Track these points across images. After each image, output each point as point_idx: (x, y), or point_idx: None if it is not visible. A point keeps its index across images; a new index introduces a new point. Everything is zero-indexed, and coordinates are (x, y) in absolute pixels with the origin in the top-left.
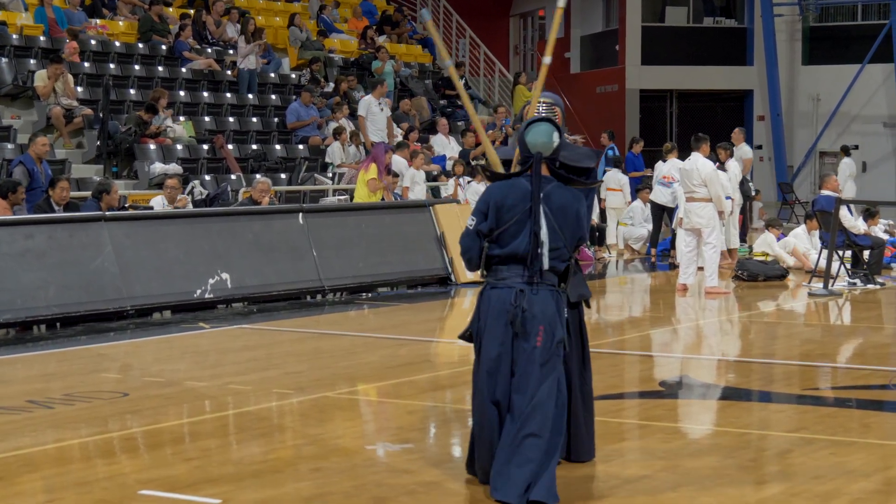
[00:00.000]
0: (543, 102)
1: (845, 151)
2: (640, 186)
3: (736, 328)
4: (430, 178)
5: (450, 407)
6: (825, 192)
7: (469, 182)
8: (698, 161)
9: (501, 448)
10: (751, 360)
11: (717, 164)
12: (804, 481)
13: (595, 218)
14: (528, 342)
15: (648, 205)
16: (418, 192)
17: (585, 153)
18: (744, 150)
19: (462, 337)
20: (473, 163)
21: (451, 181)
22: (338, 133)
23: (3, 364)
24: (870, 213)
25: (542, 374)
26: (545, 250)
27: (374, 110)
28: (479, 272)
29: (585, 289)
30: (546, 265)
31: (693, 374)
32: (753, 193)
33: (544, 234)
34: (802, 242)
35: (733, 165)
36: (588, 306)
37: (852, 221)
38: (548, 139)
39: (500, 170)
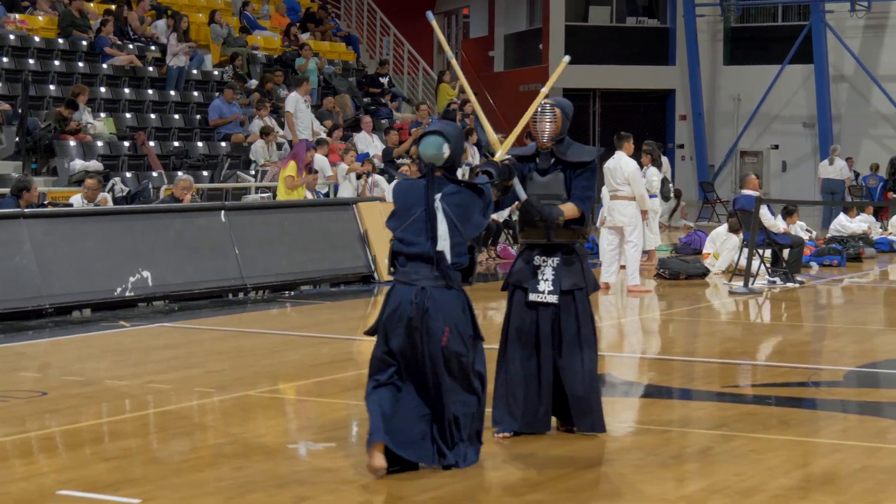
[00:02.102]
0: (547, 103)
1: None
2: None
3: (657, 326)
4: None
5: None
6: (745, 192)
7: (370, 177)
8: (622, 159)
9: (406, 424)
10: (672, 358)
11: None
12: (725, 478)
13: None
14: (433, 341)
15: None
16: (350, 189)
17: (587, 150)
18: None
19: (369, 333)
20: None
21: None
22: (265, 133)
23: None
24: (788, 212)
25: (453, 373)
26: (446, 246)
27: (301, 107)
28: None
29: (580, 279)
30: (448, 261)
31: (615, 372)
32: (672, 195)
33: (444, 232)
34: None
35: (654, 170)
36: (588, 295)
37: (772, 220)
38: (436, 151)
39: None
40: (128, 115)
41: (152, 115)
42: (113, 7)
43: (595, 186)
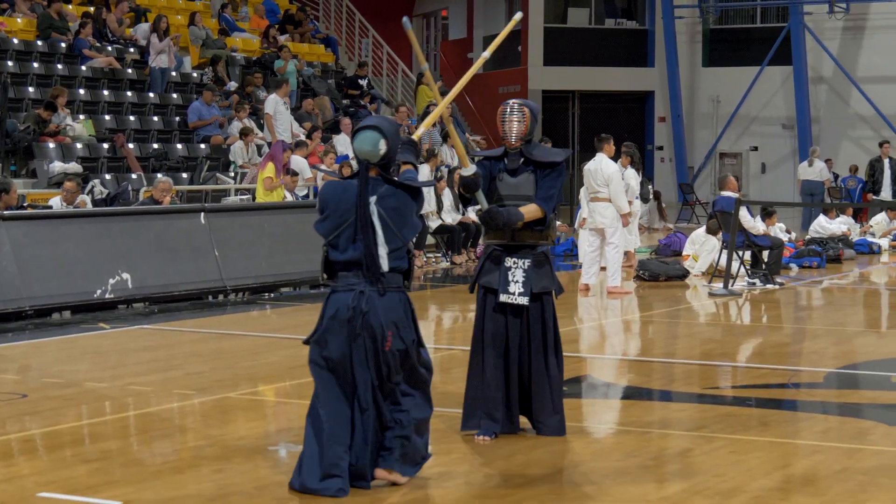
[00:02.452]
0: (515, 102)
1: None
2: None
3: (637, 328)
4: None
5: None
6: (725, 193)
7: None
8: (602, 161)
9: (360, 445)
10: (652, 360)
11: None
12: (705, 479)
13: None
14: (375, 345)
15: None
16: None
17: (556, 151)
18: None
19: (307, 342)
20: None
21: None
22: (244, 134)
23: None
24: (767, 213)
25: (395, 378)
26: (384, 253)
27: (280, 108)
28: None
29: (550, 281)
30: (386, 267)
31: (595, 374)
32: (651, 197)
33: (381, 237)
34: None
35: (632, 172)
36: (556, 297)
37: (752, 222)
38: (372, 147)
39: (467, 166)
40: (107, 117)
41: (131, 117)
42: (91, 9)
43: (561, 187)
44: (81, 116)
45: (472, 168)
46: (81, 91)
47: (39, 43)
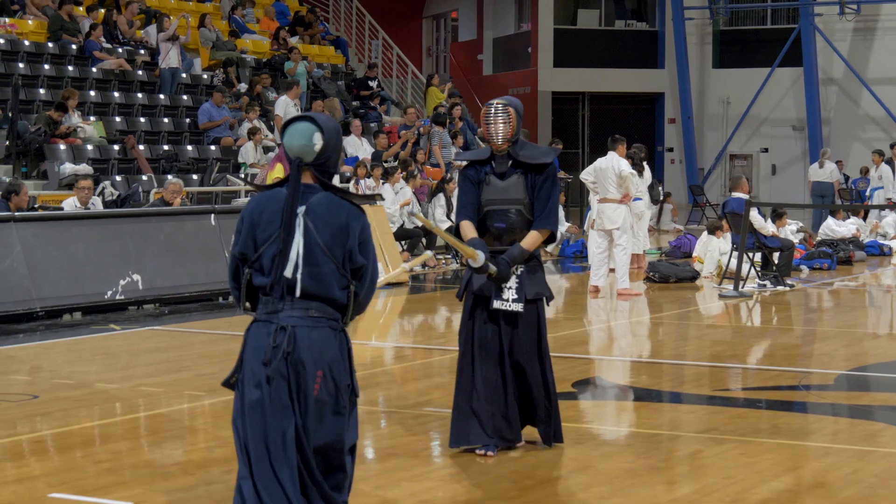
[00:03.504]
0: (499, 103)
1: None
2: None
3: (647, 329)
4: (345, 179)
5: (362, 409)
6: (736, 195)
7: (383, 184)
8: (614, 159)
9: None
10: (662, 362)
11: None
12: (715, 482)
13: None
14: (301, 389)
15: (561, 207)
16: None
17: (544, 150)
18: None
19: (226, 384)
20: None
21: (350, 184)
22: (252, 133)
23: None
24: (777, 215)
25: (327, 428)
26: (299, 274)
27: (290, 111)
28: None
29: (544, 287)
30: (298, 292)
31: (605, 376)
32: (662, 197)
33: (298, 254)
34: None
35: (646, 171)
36: (548, 304)
37: (762, 223)
38: (306, 141)
39: (475, 258)
40: (117, 119)
41: (142, 119)
42: (102, 11)
43: (559, 194)
44: (92, 118)
45: (480, 259)
46: (92, 93)
47: (50, 45)
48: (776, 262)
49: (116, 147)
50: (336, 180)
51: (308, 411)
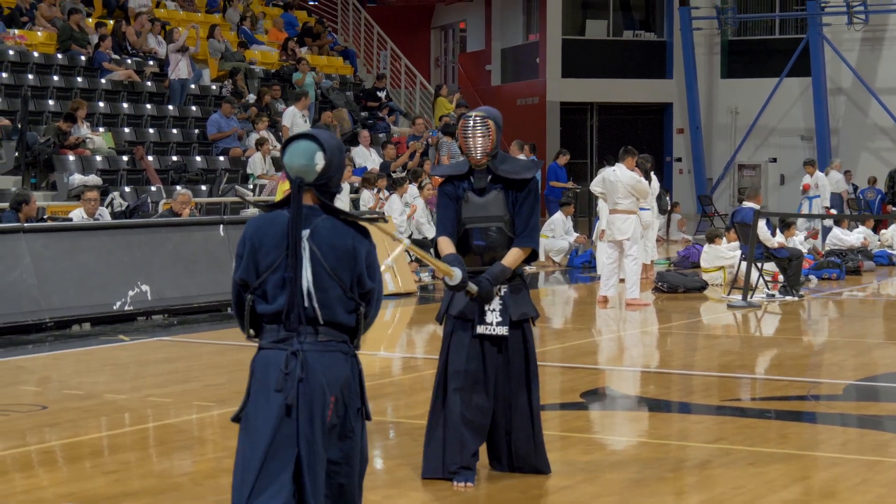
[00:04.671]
0: (477, 115)
1: None
2: (562, 200)
3: (656, 340)
4: (353, 189)
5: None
6: (747, 205)
7: (391, 195)
8: (619, 171)
9: None
10: (671, 372)
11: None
12: (724, 492)
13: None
14: (314, 416)
15: (569, 218)
16: (342, 204)
17: (525, 165)
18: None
19: (235, 420)
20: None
21: (369, 193)
22: (260, 144)
23: None
24: (785, 225)
25: (335, 456)
26: (314, 302)
27: (298, 122)
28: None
29: (530, 307)
30: (320, 318)
31: (614, 386)
32: (670, 207)
33: (308, 280)
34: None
35: (654, 181)
36: (534, 324)
37: (767, 236)
38: (307, 161)
39: (450, 275)
40: (126, 130)
41: (151, 130)
42: (110, 22)
43: (539, 210)
44: (101, 129)
45: (457, 276)
46: (101, 104)
47: (59, 56)
48: (787, 272)
49: (125, 158)
50: (346, 192)
51: (317, 439)
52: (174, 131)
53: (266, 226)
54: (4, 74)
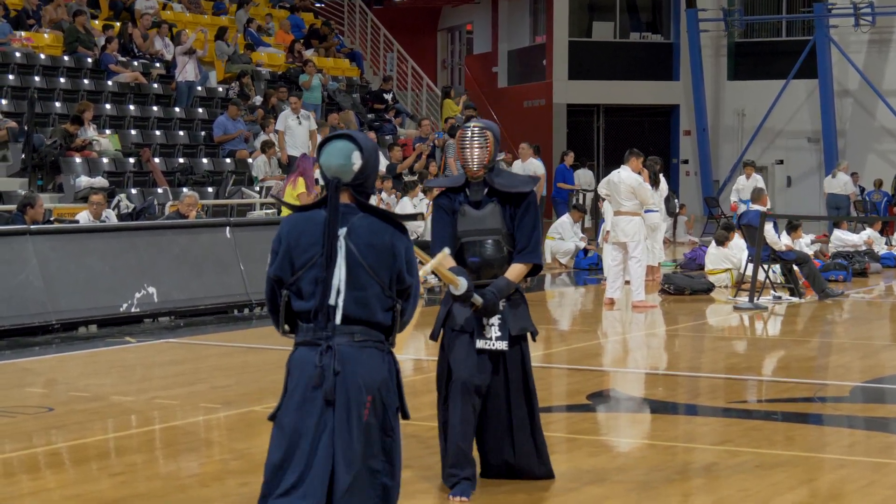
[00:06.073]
0: (476, 126)
1: None
2: (574, 204)
3: (662, 342)
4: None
5: None
6: (755, 207)
7: (402, 197)
8: (623, 173)
9: None
10: (677, 374)
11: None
12: (730, 494)
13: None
14: (350, 413)
15: (578, 224)
16: None
17: (522, 179)
18: (534, 165)
19: (272, 418)
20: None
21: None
22: (266, 147)
23: None
24: (792, 227)
25: (374, 454)
26: (341, 300)
27: (290, 124)
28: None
29: (529, 322)
30: (339, 319)
31: (620, 388)
32: (677, 209)
33: (341, 281)
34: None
35: (662, 183)
36: (533, 339)
37: (774, 238)
38: (344, 161)
39: (456, 284)
40: (133, 132)
41: (157, 132)
42: (117, 24)
43: (540, 223)
44: (108, 131)
45: (462, 285)
46: (107, 106)
47: (66, 58)
48: (798, 273)
49: (132, 160)
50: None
51: (353, 436)
52: (181, 133)
53: (303, 223)
54: (11, 76)
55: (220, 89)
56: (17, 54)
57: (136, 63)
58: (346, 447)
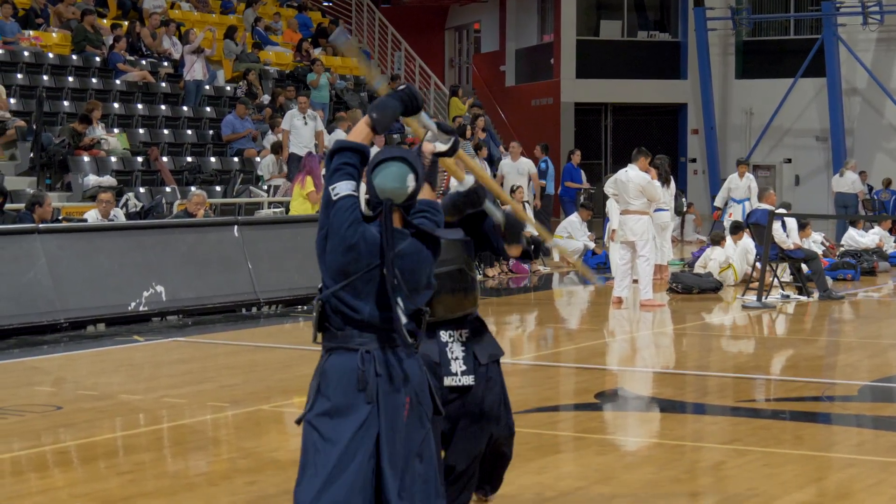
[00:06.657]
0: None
1: None
2: (583, 203)
3: (670, 341)
4: None
5: None
6: (762, 206)
7: None
8: (630, 171)
9: None
10: (685, 373)
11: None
12: (739, 493)
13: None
14: (393, 415)
15: (586, 222)
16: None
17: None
18: (525, 164)
19: (299, 422)
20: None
21: None
22: (276, 148)
23: None
24: (801, 226)
25: (416, 452)
26: (402, 317)
27: (296, 123)
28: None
29: (495, 347)
30: (406, 336)
31: (628, 387)
32: (685, 208)
33: (401, 304)
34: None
35: (671, 182)
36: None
37: (782, 237)
38: (400, 184)
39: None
40: (141, 131)
41: (165, 131)
42: (125, 23)
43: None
44: (116, 130)
45: (468, 180)
46: (116, 105)
47: (74, 57)
48: (807, 273)
49: (140, 159)
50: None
51: (397, 437)
52: (189, 132)
53: (361, 234)
54: (19, 75)
55: (228, 88)
56: (26, 53)
57: (144, 62)
58: (390, 448)
